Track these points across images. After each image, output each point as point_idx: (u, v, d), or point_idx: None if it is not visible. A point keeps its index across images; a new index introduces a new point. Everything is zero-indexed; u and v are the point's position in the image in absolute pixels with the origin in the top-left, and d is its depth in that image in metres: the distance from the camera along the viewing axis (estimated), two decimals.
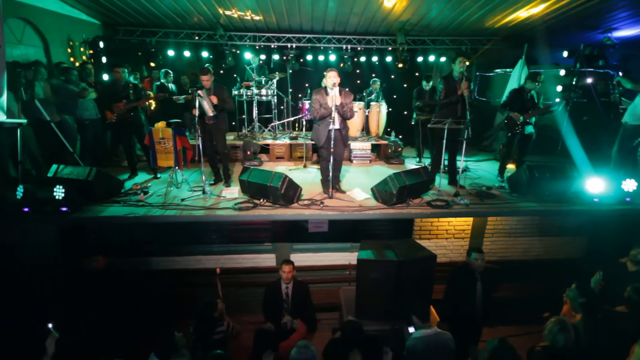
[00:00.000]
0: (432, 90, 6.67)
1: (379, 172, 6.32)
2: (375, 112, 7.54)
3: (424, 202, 4.58)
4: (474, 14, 6.85)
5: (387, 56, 8.62)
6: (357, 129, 7.56)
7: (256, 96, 7.21)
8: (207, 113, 4.67)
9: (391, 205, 4.41)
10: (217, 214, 4.19)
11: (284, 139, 7.21)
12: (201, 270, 5.50)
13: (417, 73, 9.03)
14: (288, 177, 4.26)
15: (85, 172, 4.39)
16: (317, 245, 5.63)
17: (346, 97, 4.50)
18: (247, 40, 8.49)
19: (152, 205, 4.36)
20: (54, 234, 4.62)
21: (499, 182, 5.56)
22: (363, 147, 6.98)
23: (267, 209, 4.34)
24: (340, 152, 4.74)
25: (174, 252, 5.44)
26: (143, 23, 8.06)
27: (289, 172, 6.19)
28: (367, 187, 5.06)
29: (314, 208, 4.35)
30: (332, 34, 8.56)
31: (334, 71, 4.38)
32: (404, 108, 9.10)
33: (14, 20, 5.80)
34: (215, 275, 5.43)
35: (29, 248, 4.70)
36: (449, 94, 4.81)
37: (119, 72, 5.18)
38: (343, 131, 4.64)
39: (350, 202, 4.59)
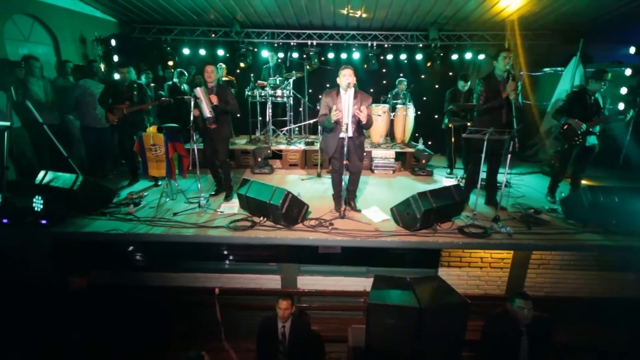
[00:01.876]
0: (469, 92, 5.78)
1: (403, 185, 5.53)
2: (401, 115, 6.74)
3: (455, 228, 3.77)
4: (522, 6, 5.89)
5: (417, 54, 7.77)
6: (381, 135, 6.79)
7: (271, 97, 6.64)
8: (204, 114, 4.13)
9: (414, 230, 3.65)
10: (207, 235, 3.62)
11: (298, 144, 6.58)
12: (199, 289, 4.99)
13: (450, 72, 8.09)
14: (291, 195, 3.61)
15: (70, 180, 3.98)
16: (328, 268, 4.95)
17: (363, 101, 3.79)
18: (265, 37, 7.96)
19: (140, 220, 3.88)
20: (48, 247, 4.28)
21: (549, 203, 4.62)
22: (386, 156, 6.21)
23: (266, 229, 3.73)
24: (357, 164, 4.04)
25: (170, 268, 4.96)
26: (159, 20, 7.76)
27: (300, 182, 5.57)
28: (387, 205, 4.32)
29: (321, 231, 3.68)
30: (356, 30, 7.84)
31: (349, 69, 3.68)
32: (435, 111, 8.20)
33: (21, 17, 5.59)
34: (214, 296, 4.93)
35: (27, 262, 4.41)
36: (490, 97, 3.96)
37: (123, 72, 4.78)
38: (357, 140, 3.92)
39: (365, 224, 3.87)
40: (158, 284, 5.06)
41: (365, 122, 3.71)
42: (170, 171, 4.00)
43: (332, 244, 3.56)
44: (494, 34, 7.73)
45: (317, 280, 4.97)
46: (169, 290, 5.02)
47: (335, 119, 3.69)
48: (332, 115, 3.67)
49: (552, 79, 7.53)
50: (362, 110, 3.64)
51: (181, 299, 5.00)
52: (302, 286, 5.00)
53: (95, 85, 5.32)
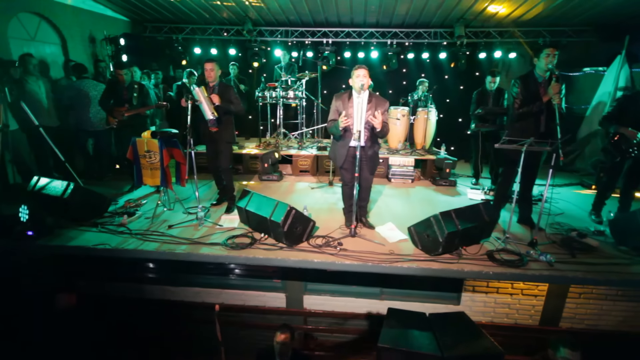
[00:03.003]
0: (498, 93, 5.19)
1: (423, 196, 5.01)
2: (422, 119, 6.20)
3: (483, 254, 3.25)
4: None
5: (441, 52, 7.19)
6: (399, 140, 6.28)
7: (282, 99, 6.25)
8: (205, 116, 3.77)
9: (435, 255, 3.16)
10: (200, 254, 3.25)
11: (310, 150, 6.17)
12: (199, 305, 4.65)
13: (477, 72, 7.45)
14: (295, 211, 3.19)
15: (62, 188, 3.72)
16: (337, 287, 4.51)
17: (378, 106, 3.33)
18: (279, 35, 7.58)
19: (131, 233, 3.56)
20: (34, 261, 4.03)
21: (594, 223, 4.00)
22: (404, 163, 5.70)
23: (266, 248, 3.33)
24: (367, 177, 3.58)
25: (169, 281, 4.65)
26: (170, 19, 7.52)
27: (310, 192, 5.15)
28: (404, 221, 3.84)
29: (328, 252, 3.25)
30: (375, 27, 7.34)
31: (363, 69, 3.23)
32: (459, 115, 7.59)
33: (27, 15, 5.42)
34: (214, 313, 4.59)
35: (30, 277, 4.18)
36: (528, 100, 3.40)
37: (121, 74, 4.50)
38: (369, 151, 3.46)
39: (379, 244, 3.40)
40: (157, 297, 4.77)
41: (380, 129, 3.24)
42: (165, 180, 3.66)
43: (339, 269, 3.12)
44: (526, 30, 7.06)
45: (325, 300, 4.54)
46: (168, 304, 4.72)
47: (344, 126, 3.24)
48: (339, 122, 3.23)
49: (592, 80, 6.80)
50: (377, 115, 3.17)
51: (181, 314, 4.68)
52: (309, 306, 4.58)
53: (92, 85, 5.06)
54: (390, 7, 6.27)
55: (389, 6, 6.25)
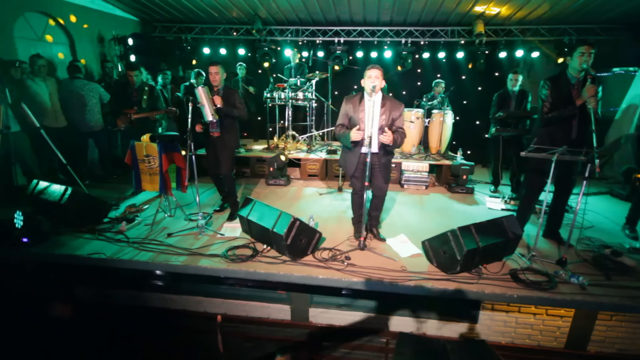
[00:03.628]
0: (521, 95, 4.84)
1: (438, 205, 4.71)
2: (437, 122, 5.88)
3: (506, 272, 2.94)
4: None
5: (459, 51, 6.84)
6: (413, 144, 5.98)
7: (291, 100, 6.04)
8: (205, 117, 3.58)
9: (452, 274, 2.88)
10: (198, 266, 3.05)
11: (319, 153, 5.93)
12: (201, 314, 4.46)
13: (496, 73, 7.08)
14: (299, 222, 2.96)
15: (59, 192, 3.58)
16: (346, 301, 4.24)
17: (392, 110, 3.07)
18: (289, 35, 7.37)
19: (128, 242, 3.39)
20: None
21: (629, 239, 3.63)
22: (418, 168, 5.40)
23: (268, 261, 3.11)
24: (381, 186, 3.31)
25: (171, 290, 4.48)
26: (179, 18, 7.41)
27: (318, 198, 4.92)
28: (417, 232, 3.57)
29: (334, 267, 3.00)
30: (389, 26, 7.05)
31: (376, 69, 2.97)
32: (476, 117, 7.23)
33: (34, 15, 5.36)
34: (216, 324, 4.40)
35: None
36: (558, 103, 3.08)
37: (131, 75, 4.37)
38: (383, 158, 3.20)
39: (390, 259, 3.14)
40: (159, 306, 4.60)
41: (391, 144, 2.98)
42: (164, 186, 3.48)
43: (346, 286, 2.87)
44: (550, 28, 6.65)
45: (333, 314, 4.28)
46: (169, 312, 4.55)
47: (355, 139, 3.00)
48: (350, 134, 2.98)
49: (622, 80, 6.35)
50: (386, 132, 2.92)
51: (182, 323, 4.51)
52: (315, 319, 4.34)
53: (86, 86, 4.91)
54: (405, 4, 5.99)
55: (404, 3, 5.96)
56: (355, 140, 2.99)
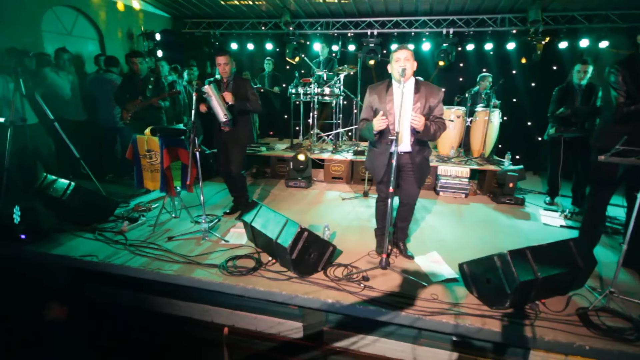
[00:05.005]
0: (589, 90, 3.99)
1: (480, 217, 4.01)
2: (481, 121, 5.14)
3: (572, 312, 2.26)
4: None
5: (509, 42, 6.01)
6: (451, 145, 5.28)
7: (316, 96, 5.59)
8: (218, 117, 3.22)
9: (498, 309, 2.25)
10: (191, 278, 2.68)
11: (345, 154, 5.42)
12: (207, 324, 4.11)
13: (554, 66, 6.15)
14: (307, 233, 2.48)
15: (62, 188, 3.39)
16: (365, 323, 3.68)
17: (429, 97, 2.50)
18: (318, 27, 6.94)
19: (125, 244, 3.10)
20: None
21: None
22: (457, 174, 4.71)
23: (271, 276, 2.67)
24: (411, 192, 2.75)
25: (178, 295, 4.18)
26: (209, 14, 7.27)
27: (340, 203, 4.40)
28: (454, 250, 2.96)
29: (347, 289, 2.49)
30: (428, 15, 6.38)
31: (405, 50, 2.42)
32: (528, 117, 6.33)
33: (63, 9, 5.38)
34: (222, 336, 4.04)
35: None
36: (634, 93, 2.34)
37: (135, 63, 4.15)
38: (417, 157, 2.62)
39: (417, 282, 2.56)
40: (165, 311, 4.33)
41: (422, 131, 2.40)
42: (166, 184, 3.16)
43: (360, 315, 2.35)
44: (623, 13, 5.64)
45: (349, 337, 3.74)
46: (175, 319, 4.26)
47: (379, 129, 2.44)
48: (373, 123, 2.44)
49: None
50: (415, 116, 2.34)
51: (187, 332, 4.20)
52: (330, 341, 3.82)
53: (116, 81, 4.77)
54: None
55: None
56: (380, 128, 2.43)
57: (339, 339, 3.81)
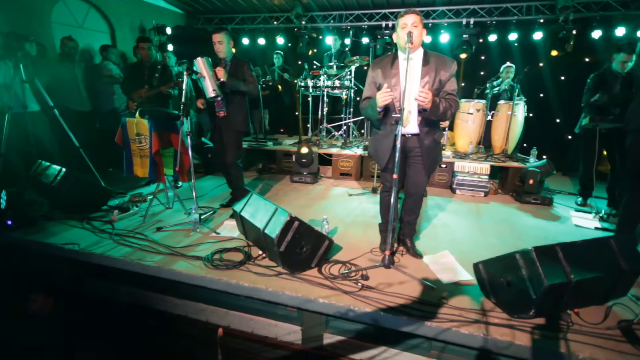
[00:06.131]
0: (630, 77, 3.53)
1: (500, 217, 3.60)
2: (504, 115, 4.73)
3: (613, 325, 1.86)
4: None
5: (536, 31, 5.57)
6: (470, 140, 4.88)
7: (326, 88, 5.33)
8: (206, 93, 3.00)
9: (520, 318, 1.88)
10: (172, 269, 2.45)
11: (355, 149, 5.11)
12: (202, 323, 3.88)
13: (586, 58, 5.64)
14: (298, 223, 2.19)
15: (53, 174, 3.26)
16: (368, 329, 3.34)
17: (440, 68, 2.18)
18: (331, 20, 6.71)
19: (112, 233, 2.91)
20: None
21: None
22: (476, 170, 4.31)
23: (259, 271, 2.39)
24: (419, 180, 2.42)
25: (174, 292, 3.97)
26: (221, 9, 7.19)
27: (346, 199, 4.09)
28: (469, 251, 2.60)
29: (342, 288, 2.18)
30: (447, 5, 6.03)
31: (414, 14, 2.12)
32: (557, 113, 5.83)
33: (76, 2, 5.38)
34: (216, 337, 3.79)
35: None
36: None
37: (144, 48, 4.02)
38: (426, 140, 2.30)
39: (424, 283, 2.22)
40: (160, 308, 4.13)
41: (429, 109, 2.07)
42: (154, 171, 2.95)
43: (354, 318, 2.03)
44: None
45: (351, 345, 3.40)
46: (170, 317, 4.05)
47: (383, 103, 2.13)
48: (377, 98, 2.13)
49: None
50: (421, 92, 2.01)
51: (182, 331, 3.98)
52: (330, 346, 3.49)
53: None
54: None
55: None
56: (384, 103, 2.11)
57: (340, 347, 3.48)
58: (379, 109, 2.18)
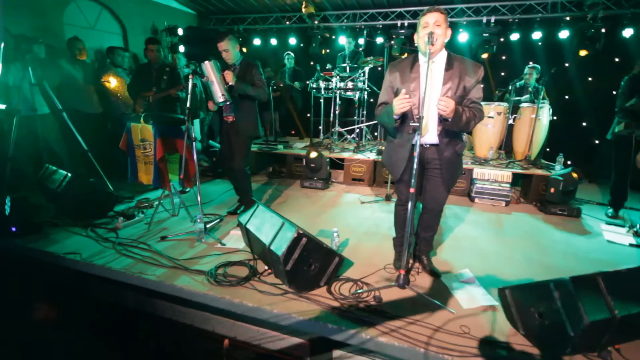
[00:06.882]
0: None
1: (525, 229, 3.36)
2: (527, 119, 4.46)
3: None
4: None
5: (562, 30, 5.26)
6: (490, 146, 4.63)
7: (339, 90, 5.16)
8: (214, 98, 2.88)
9: (555, 355, 1.67)
10: (173, 285, 2.33)
11: (368, 153, 4.93)
12: (208, 334, 3.77)
13: (616, 58, 5.30)
14: (306, 239, 2.04)
15: (59, 179, 3.20)
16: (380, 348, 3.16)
17: (464, 75, 1.99)
18: (345, 20, 6.53)
19: (114, 243, 2.82)
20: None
21: None
22: (496, 178, 4.07)
23: (265, 289, 2.25)
24: (438, 195, 2.23)
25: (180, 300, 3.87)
26: (233, 9, 7.09)
27: (359, 207, 3.90)
28: (492, 269, 2.40)
29: (354, 310, 2.01)
30: (467, 3, 5.76)
31: (437, 13, 1.94)
32: (583, 117, 5.50)
33: (88, 3, 5.35)
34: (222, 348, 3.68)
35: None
36: None
37: (152, 50, 3.95)
38: (446, 151, 2.10)
39: (444, 309, 2.03)
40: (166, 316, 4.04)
41: (451, 119, 1.88)
42: (159, 178, 2.85)
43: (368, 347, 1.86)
44: None
45: None
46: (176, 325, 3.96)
47: (400, 110, 1.94)
48: (393, 105, 1.94)
49: None
50: (442, 100, 1.82)
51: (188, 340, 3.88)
52: None
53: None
54: None
55: None
56: (402, 110, 1.91)
57: None
58: (396, 116, 1.99)
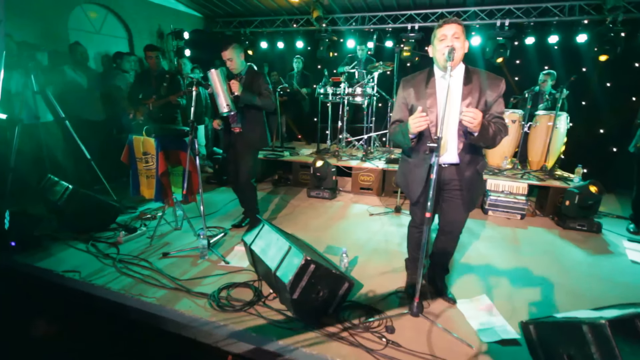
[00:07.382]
0: None
1: (542, 247, 3.20)
2: (543, 127, 4.29)
3: None
4: None
5: (579, 34, 5.06)
6: (503, 154, 4.47)
7: (347, 96, 5.02)
8: (219, 108, 2.78)
9: None
10: (173, 310, 2.22)
11: (377, 162, 4.79)
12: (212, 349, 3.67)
13: (637, 63, 5.08)
14: (314, 266, 1.91)
15: (60, 191, 3.12)
16: None
17: (485, 89, 1.86)
18: (353, 23, 6.38)
19: (115, 259, 2.72)
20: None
21: None
22: (511, 189, 3.90)
23: (271, 315, 2.13)
24: (457, 217, 2.08)
25: None
26: (240, 12, 7.00)
27: (367, 219, 3.77)
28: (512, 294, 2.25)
29: (365, 343, 1.88)
30: (479, 6, 5.58)
31: (455, 24, 1.80)
32: (601, 124, 5.30)
33: (92, 7, 5.29)
34: None
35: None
36: None
37: (152, 57, 3.86)
38: (467, 171, 1.96)
39: (461, 342, 1.89)
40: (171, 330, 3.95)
41: (478, 132, 1.74)
42: (161, 192, 2.75)
43: None
44: None
45: None
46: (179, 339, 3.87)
47: (417, 130, 1.80)
48: (409, 124, 1.81)
49: None
50: (469, 111, 1.69)
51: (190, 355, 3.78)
52: None
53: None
54: None
55: None
56: (418, 129, 1.78)
57: None
58: (412, 135, 1.86)
